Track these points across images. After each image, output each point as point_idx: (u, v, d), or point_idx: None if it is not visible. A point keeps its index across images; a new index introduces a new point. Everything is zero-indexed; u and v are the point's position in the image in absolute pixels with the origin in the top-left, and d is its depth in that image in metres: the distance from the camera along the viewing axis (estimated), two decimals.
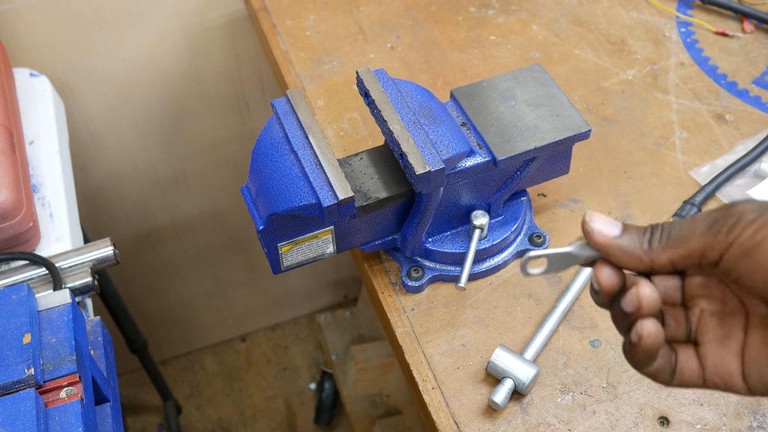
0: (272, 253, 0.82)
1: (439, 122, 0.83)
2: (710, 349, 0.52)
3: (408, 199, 0.84)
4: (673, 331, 0.54)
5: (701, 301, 0.53)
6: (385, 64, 1.13)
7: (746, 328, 0.51)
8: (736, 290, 0.52)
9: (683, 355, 0.53)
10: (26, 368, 0.71)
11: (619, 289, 0.52)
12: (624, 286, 0.52)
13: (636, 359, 0.52)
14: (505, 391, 0.79)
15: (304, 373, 2.09)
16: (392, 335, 0.88)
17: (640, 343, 0.50)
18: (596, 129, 1.03)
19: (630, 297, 0.51)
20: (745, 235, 0.47)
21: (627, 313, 0.51)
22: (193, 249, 1.84)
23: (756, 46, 1.13)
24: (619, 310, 0.52)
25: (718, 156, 1.00)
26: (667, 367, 0.52)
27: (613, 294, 0.52)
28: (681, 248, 0.49)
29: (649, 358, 0.51)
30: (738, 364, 0.50)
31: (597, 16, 1.18)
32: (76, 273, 0.93)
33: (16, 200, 0.93)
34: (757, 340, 0.50)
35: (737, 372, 0.50)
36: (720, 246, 0.48)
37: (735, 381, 0.50)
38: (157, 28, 1.39)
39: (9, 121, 1.02)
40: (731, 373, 0.50)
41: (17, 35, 1.30)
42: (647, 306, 0.50)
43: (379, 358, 1.65)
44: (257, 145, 0.82)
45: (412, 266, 0.89)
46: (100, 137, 1.51)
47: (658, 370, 0.52)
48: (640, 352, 0.51)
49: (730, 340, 0.51)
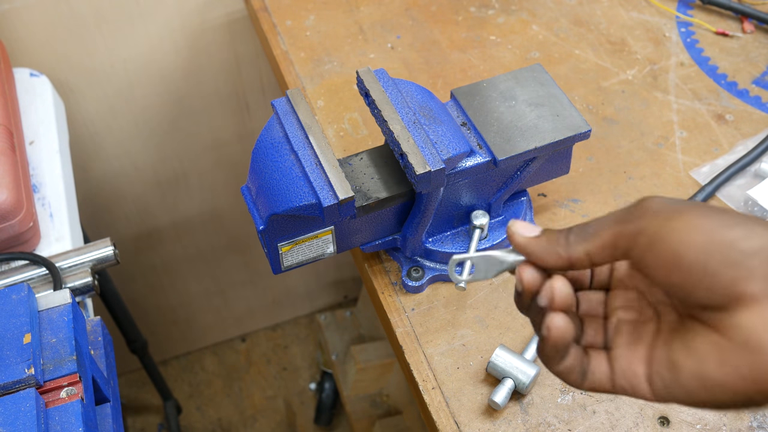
0: (272, 253, 0.82)
1: (440, 122, 0.83)
2: (620, 353, 0.53)
3: (408, 199, 0.84)
4: (591, 338, 0.55)
5: (619, 311, 0.55)
6: (385, 64, 1.13)
7: (655, 335, 0.52)
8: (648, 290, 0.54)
9: (595, 359, 0.54)
10: (26, 368, 0.71)
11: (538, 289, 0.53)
12: None
13: (545, 353, 0.53)
14: (506, 391, 0.79)
15: (304, 373, 2.09)
16: (392, 335, 0.88)
17: (549, 336, 0.51)
18: (596, 129, 1.03)
19: (544, 290, 0.52)
20: (650, 226, 0.48)
21: (541, 308, 0.53)
22: (193, 249, 1.84)
23: (756, 46, 1.13)
24: (536, 310, 0.54)
25: (718, 156, 1.00)
26: (578, 367, 0.53)
27: (533, 294, 0.54)
28: (595, 240, 0.51)
29: (558, 354, 0.53)
30: (644, 369, 0.51)
31: (597, 16, 1.18)
32: (76, 273, 0.93)
33: (16, 200, 0.93)
34: (661, 345, 0.51)
35: (643, 376, 0.51)
36: (628, 235, 0.49)
37: (641, 385, 0.51)
38: (157, 27, 1.39)
39: (9, 121, 1.02)
40: (637, 376, 0.51)
41: (17, 35, 1.30)
42: (559, 298, 0.52)
43: (379, 358, 1.65)
44: (257, 145, 0.82)
45: (412, 266, 0.89)
46: (100, 137, 1.51)
47: (569, 369, 0.53)
48: (549, 346, 0.52)
49: (638, 346, 0.52)
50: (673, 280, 0.47)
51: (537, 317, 0.54)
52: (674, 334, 0.51)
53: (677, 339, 0.50)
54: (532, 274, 0.53)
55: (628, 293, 0.55)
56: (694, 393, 0.48)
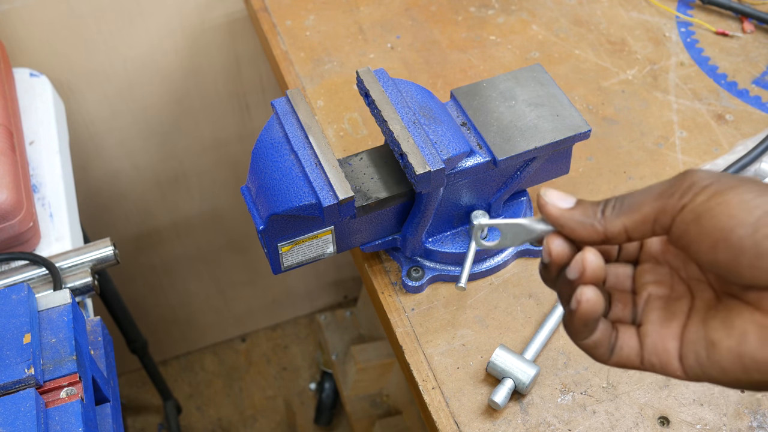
0: (272, 253, 0.82)
1: (439, 122, 0.83)
2: (651, 329, 0.52)
3: (408, 199, 0.84)
4: (620, 312, 0.54)
5: (650, 286, 0.53)
6: (385, 64, 1.13)
7: (689, 312, 0.51)
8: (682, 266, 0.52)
9: (624, 334, 0.52)
10: (26, 368, 0.71)
11: (567, 261, 0.52)
12: None
13: (574, 327, 0.51)
14: (505, 391, 0.79)
15: (304, 373, 2.09)
16: (392, 335, 0.88)
17: (579, 308, 0.50)
18: (596, 129, 1.03)
19: (575, 262, 0.50)
20: (697, 200, 0.46)
21: (570, 281, 0.51)
22: (193, 249, 1.84)
23: (756, 46, 1.13)
24: (564, 283, 0.52)
25: (718, 156, 1.00)
26: (606, 342, 0.52)
27: (561, 266, 0.52)
28: (634, 214, 0.49)
29: (587, 328, 0.51)
30: (676, 345, 0.50)
31: (597, 16, 1.18)
32: (76, 273, 0.93)
33: (16, 200, 0.93)
34: (697, 322, 0.50)
35: (675, 353, 0.50)
36: (672, 210, 0.47)
37: (672, 362, 0.50)
38: (158, 27, 1.39)
39: (9, 121, 1.02)
40: (669, 353, 0.50)
41: (17, 35, 1.30)
42: (590, 271, 0.50)
43: (379, 358, 1.65)
44: (257, 145, 0.82)
45: (412, 266, 0.89)
46: (100, 137, 1.51)
47: (596, 343, 0.52)
48: (578, 319, 0.50)
49: (671, 322, 0.51)
50: (719, 256, 0.45)
51: (565, 290, 0.52)
52: (711, 311, 0.50)
53: (715, 317, 0.49)
54: (561, 245, 0.51)
55: (660, 268, 0.53)
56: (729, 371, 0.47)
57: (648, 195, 0.49)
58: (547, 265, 0.53)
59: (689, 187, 0.47)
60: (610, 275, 0.55)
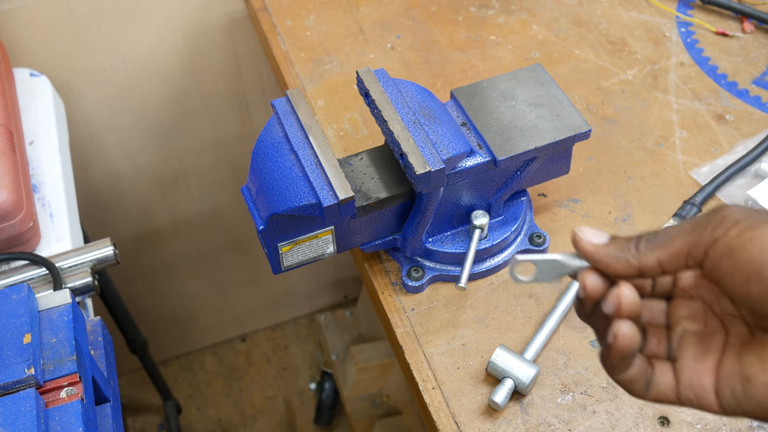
0: (272, 253, 0.82)
1: (439, 122, 0.83)
2: (687, 364, 0.52)
3: (408, 199, 0.84)
4: (654, 348, 0.55)
5: (684, 321, 0.54)
6: (385, 64, 1.13)
7: (724, 347, 0.52)
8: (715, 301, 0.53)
9: (660, 369, 0.53)
10: (26, 368, 0.71)
11: (602, 296, 0.53)
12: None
13: (611, 362, 0.52)
14: (506, 391, 0.79)
15: (304, 373, 2.09)
16: (392, 335, 0.88)
17: (616, 343, 0.51)
18: (596, 129, 1.03)
19: (610, 297, 0.51)
20: (730, 234, 0.47)
21: (606, 315, 0.52)
22: (193, 249, 1.84)
23: (756, 46, 1.13)
24: (599, 317, 0.53)
25: (718, 156, 1.00)
26: (642, 378, 0.53)
27: (596, 301, 0.53)
28: (668, 247, 0.50)
29: (623, 362, 0.52)
30: (712, 381, 0.51)
31: (597, 16, 1.18)
32: (76, 273, 0.93)
33: (16, 200, 0.93)
34: (732, 357, 0.51)
35: (711, 388, 0.51)
36: (704, 243, 0.48)
37: (708, 397, 0.51)
38: (158, 27, 1.39)
39: (9, 121, 1.02)
40: (705, 388, 0.51)
41: (17, 35, 1.30)
42: (626, 305, 0.51)
43: (379, 358, 1.65)
44: (257, 145, 0.82)
45: (412, 266, 0.89)
46: (100, 137, 1.51)
47: (633, 379, 0.53)
48: (615, 353, 0.51)
49: (706, 357, 0.52)
50: (752, 290, 0.46)
51: (600, 324, 0.53)
52: (746, 346, 0.50)
53: (750, 352, 0.50)
54: (596, 280, 0.52)
55: (693, 303, 0.54)
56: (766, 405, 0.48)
57: (681, 229, 0.50)
58: (582, 300, 0.54)
59: (721, 221, 0.48)
60: (645, 310, 0.56)
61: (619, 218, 0.94)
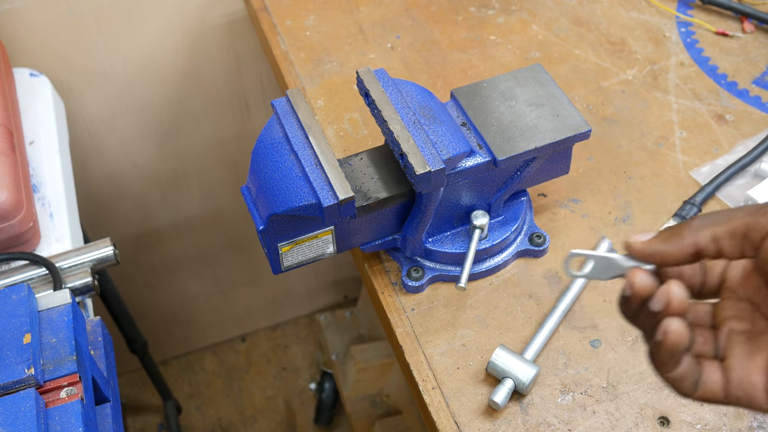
0: (272, 253, 0.82)
1: (439, 122, 0.83)
2: (736, 363, 0.52)
3: (408, 199, 0.84)
4: (701, 347, 0.55)
5: (731, 321, 0.54)
6: (385, 64, 1.13)
7: None
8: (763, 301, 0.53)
9: (708, 368, 0.53)
10: (26, 368, 0.71)
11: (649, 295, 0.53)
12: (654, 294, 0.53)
13: (660, 359, 0.52)
14: (506, 391, 0.79)
15: (304, 373, 2.09)
16: (392, 335, 0.88)
17: (666, 339, 0.50)
18: (596, 129, 1.03)
19: (660, 293, 0.51)
20: None
21: (655, 313, 0.52)
22: (193, 249, 1.84)
23: (756, 46, 1.13)
24: (647, 316, 0.53)
25: (718, 156, 1.00)
26: (691, 376, 0.53)
27: (643, 299, 0.53)
28: (726, 224, 0.50)
29: (672, 360, 0.52)
30: (762, 379, 0.51)
31: (597, 16, 1.18)
32: (76, 273, 0.93)
33: (16, 200, 0.93)
34: None
35: (761, 386, 0.51)
36: (762, 227, 0.48)
37: (758, 395, 0.51)
38: (158, 28, 1.39)
39: (9, 121, 1.02)
40: (755, 386, 0.51)
41: (17, 35, 1.30)
42: (676, 302, 0.51)
43: (379, 358, 1.65)
44: (257, 145, 0.82)
45: (412, 266, 0.89)
46: (100, 137, 1.51)
47: (682, 377, 0.53)
48: (665, 351, 0.51)
49: (756, 356, 0.52)
50: None
51: (648, 322, 0.53)
52: None
53: None
54: (645, 278, 0.53)
55: (740, 304, 0.55)
56: None
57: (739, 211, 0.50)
58: (629, 298, 0.53)
59: None
60: (690, 312, 0.56)
61: (619, 218, 0.94)
